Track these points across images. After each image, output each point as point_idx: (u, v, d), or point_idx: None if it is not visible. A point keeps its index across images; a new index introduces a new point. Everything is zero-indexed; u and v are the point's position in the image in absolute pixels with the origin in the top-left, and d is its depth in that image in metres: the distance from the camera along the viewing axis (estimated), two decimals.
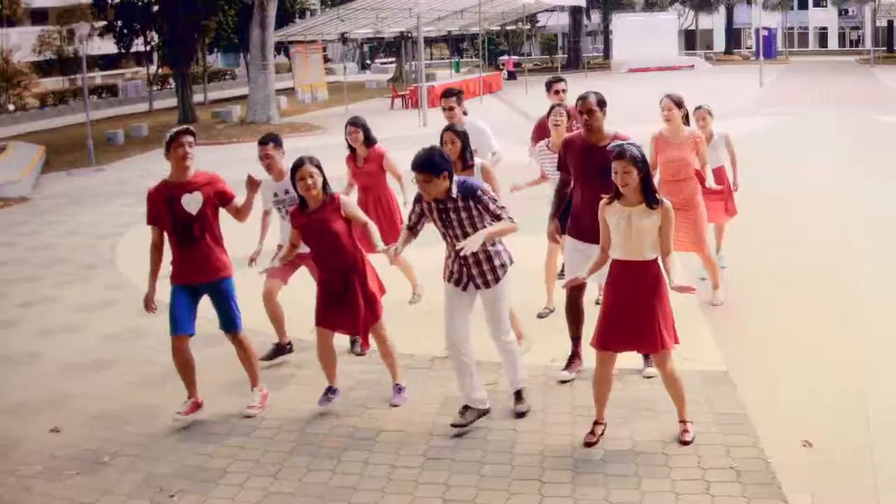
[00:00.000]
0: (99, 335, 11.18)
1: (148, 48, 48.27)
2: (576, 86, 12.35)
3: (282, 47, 45.49)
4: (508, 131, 21.01)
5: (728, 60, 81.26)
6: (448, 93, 11.05)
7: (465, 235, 7.64)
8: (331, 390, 8.47)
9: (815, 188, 18.22)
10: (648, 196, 7.09)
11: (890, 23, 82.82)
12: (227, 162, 22.00)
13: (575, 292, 8.69)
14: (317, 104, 43.61)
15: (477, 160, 9.61)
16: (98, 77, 62.83)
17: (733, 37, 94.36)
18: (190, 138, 8.06)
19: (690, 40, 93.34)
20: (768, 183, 18.19)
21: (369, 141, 10.89)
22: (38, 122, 49.12)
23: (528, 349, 9.41)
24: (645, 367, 8.63)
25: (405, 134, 10.67)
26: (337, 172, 10.50)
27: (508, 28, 75.30)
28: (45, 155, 29.35)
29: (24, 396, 9.27)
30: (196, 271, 8.20)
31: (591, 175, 8.23)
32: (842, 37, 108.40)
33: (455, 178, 7.68)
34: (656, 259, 7.26)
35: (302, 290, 9.38)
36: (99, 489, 7.25)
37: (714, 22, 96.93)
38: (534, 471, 7.31)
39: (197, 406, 8.39)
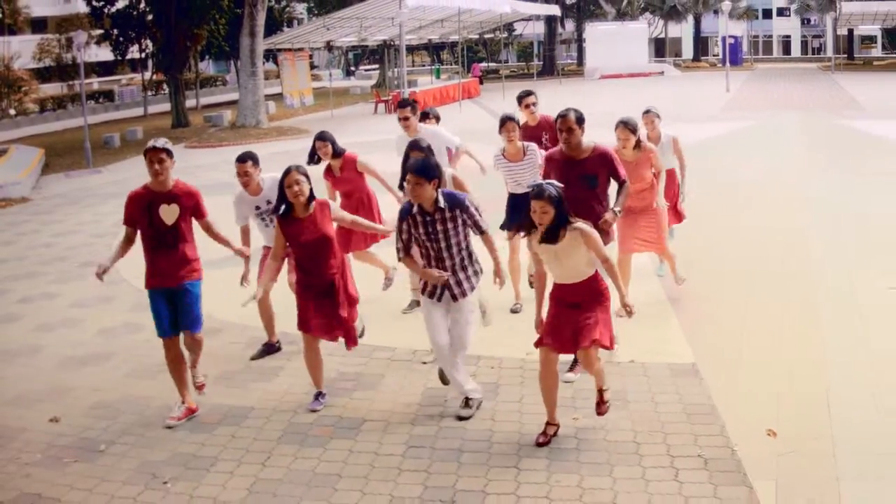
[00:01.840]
0: (96, 330, 11.17)
1: (143, 55, 48.22)
2: (552, 92, 12.52)
3: (270, 55, 45.62)
4: (484, 133, 21.03)
5: (696, 67, 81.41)
6: (402, 103, 11.25)
7: (448, 248, 7.72)
8: (321, 395, 8.47)
9: (779, 188, 18.30)
10: (557, 230, 7.07)
11: (850, 31, 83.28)
12: (217, 164, 22.00)
13: None
14: (304, 109, 43.64)
15: (448, 170, 9.67)
16: (95, 83, 62.95)
17: (701, 45, 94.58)
18: (162, 155, 7.95)
19: (660, 48, 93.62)
20: (734, 184, 18.34)
21: (337, 152, 10.89)
22: (38, 126, 49.07)
23: (490, 323, 9.38)
24: (567, 371, 8.60)
25: (387, 137, 10.71)
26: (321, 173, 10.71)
27: (486, 36, 75.30)
28: (45, 157, 29.25)
29: (24, 388, 9.28)
30: (166, 276, 8.19)
31: (573, 186, 8.25)
32: (804, 45, 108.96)
33: (441, 189, 7.71)
34: (596, 272, 7.31)
35: (286, 286, 9.36)
36: (96, 476, 7.26)
37: (682, 30, 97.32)
38: (511, 458, 7.34)
39: (191, 412, 8.35)
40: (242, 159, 9.38)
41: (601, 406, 7.67)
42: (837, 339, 9.58)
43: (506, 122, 10.69)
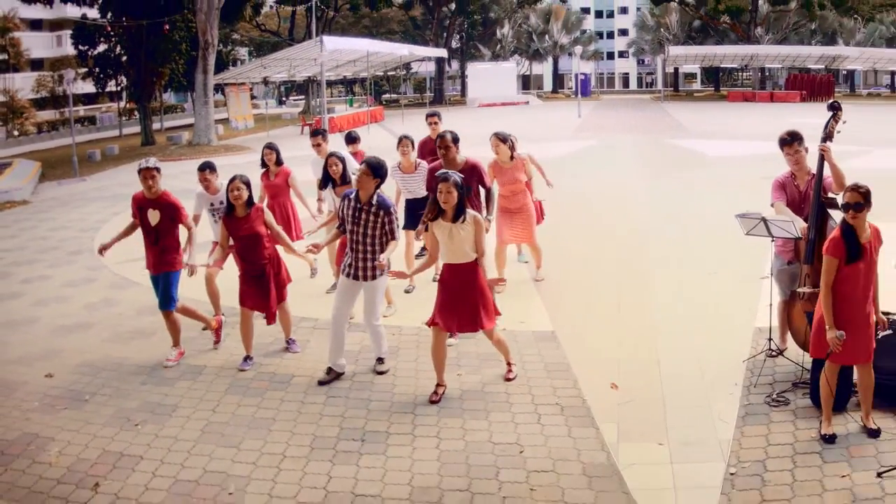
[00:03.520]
0: (81, 304, 11.14)
1: (118, 88, 48.31)
2: (444, 117, 12.61)
3: (219, 87, 45.59)
4: (386, 150, 20.95)
5: (554, 98, 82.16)
6: (314, 132, 11.52)
7: (364, 236, 7.74)
8: (248, 358, 8.50)
9: (620, 194, 18.54)
10: (461, 213, 7.24)
11: (676, 69, 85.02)
12: (178, 174, 21.89)
13: None
14: (246, 130, 43.80)
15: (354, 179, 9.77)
16: (81, 110, 62.68)
17: (558, 80, 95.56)
18: (154, 172, 8.34)
19: (526, 82, 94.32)
20: (583, 190, 18.52)
21: (279, 161, 11.14)
22: (35, 144, 48.83)
23: (395, 312, 9.69)
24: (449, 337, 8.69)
25: (309, 153, 10.81)
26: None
27: (389, 73, 75.35)
28: (42, 169, 29.06)
29: (24, 350, 9.28)
30: (151, 265, 8.59)
31: None
32: (640, 80, 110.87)
33: (379, 192, 7.79)
34: (476, 259, 7.39)
35: (232, 272, 9.27)
36: (81, 420, 7.34)
37: (544, 69, 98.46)
38: (408, 406, 7.44)
39: (181, 355, 8.77)
40: (202, 168, 9.71)
41: (508, 374, 7.86)
42: (663, 310, 9.76)
43: (402, 140, 10.84)
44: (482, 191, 9.76)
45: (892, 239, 6.75)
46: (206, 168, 9.69)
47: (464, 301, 7.38)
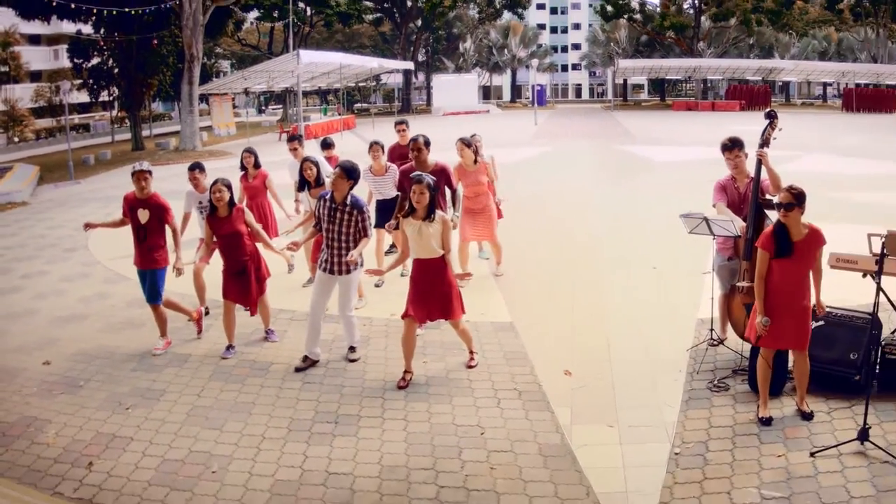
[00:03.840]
0: (77, 297, 11.11)
1: (111, 98, 48.84)
2: (411, 124, 12.65)
3: (203, 97, 45.90)
4: (358, 154, 20.91)
5: (512, 107, 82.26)
6: (291, 138, 11.73)
7: (339, 234, 7.77)
8: (230, 347, 8.51)
9: (572, 195, 18.63)
10: (431, 212, 7.31)
11: (625, 80, 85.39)
12: (166, 177, 21.70)
13: None
14: (228, 137, 44.23)
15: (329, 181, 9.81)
16: (76, 118, 62.88)
17: (516, 90, 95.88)
18: (146, 175, 8.41)
19: (486, 93, 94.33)
20: (540, 192, 18.61)
21: (257, 165, 11.16)
22: (34, 149, 48.68)
23: (366, 304, 9.74)
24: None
25: (286, 158, 10.89)
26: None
27: (361, 84, 75.15)
28: (40, 172, 29.05)
29: (24, 340, 9.29)
30: (138, 261, 8.60)
31: None
32: (591, 90, 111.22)
33: (352, 193, 7.80)
34: (443, 255, 7.44)
35: (215, 268, 9.23)
36: (76, 404, 7.37)
37: (503, 80, 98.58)
38: (378, 391, 7.46)
39: (168, 344, 8.78)
40: (192, 168, 9.85)
41: (471, 362, 7.89)
42: (616, 305, 9.81)
43: (372, 145, 10.95)
44: (448, 191, 9.82)
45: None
46: (196, 168, 9.84)
47: (433, 294, 7.43)
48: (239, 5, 47.50)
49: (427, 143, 9.88)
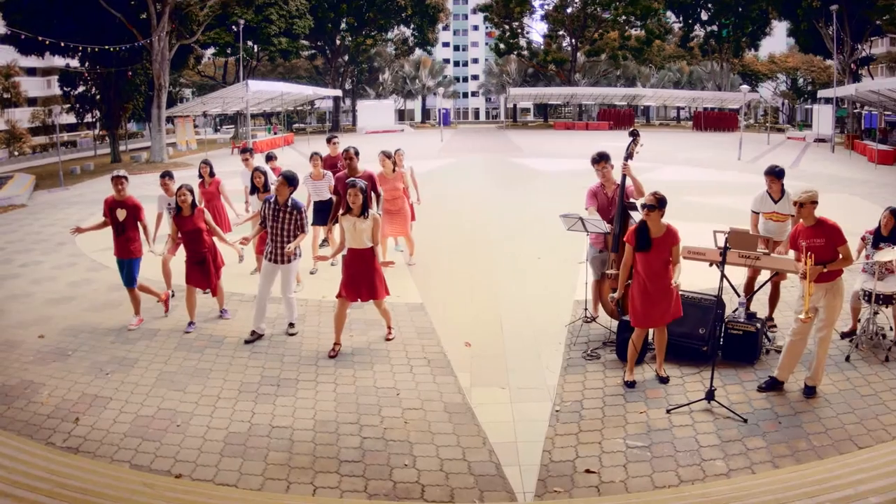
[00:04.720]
0: (66, 283, 10.93)
1: (94, 120, 48.84)
2: (342, 140, 12.61)
3: (169, 119, 46.55)
4: (298, 165, 20.64)
5: (423, 127, 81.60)
6: (244, 150, 11.85)
7: (281, 230, 7.83)
8: (192, 323, 8.52)
9: (472, 199, 18.73)
10: (365, 211, 7.35)
11: (514, 105, 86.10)
12: (139, 185, 21.20)
13: None
14: (189, 151, 44.80)
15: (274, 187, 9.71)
16: (65, 136, 62.12)
17: (426, 113, 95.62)
18: (123, 180, 8.52)
19: (401, 115, 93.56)
20: (445, 196, 18.65)
21: (212, 174, 11.02)
22: (31, 162, 48.43)
23: (302, 288, 9.68)
24: None
25: (237, 169, 10.83)
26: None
27: (298, 108, 74.52)
28: (35, 180, 28.70)
29: (22, 317, 9.25)
30: (117, 251, 8.63)
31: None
32: (488, 113, 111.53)
33: (293, 197, 7.89)
34: (373, 247, 7.45)
35: (180, 258, 9.04)
36: (65, 370, 7.41)
37: (415, 104, 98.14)
38: (312, 359, 7.48)
39: (140, 321, 8.74)
40: (163, 175, 9.91)
41: (389, 336, 7.91)
42: (507, 288, 9.92)
43: (313, 155, 11.10)
44: (373, 194, 9.82)
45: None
46: (166, 175, 9.89)
47: (363, 277, 7.44)
48: (199, 43, 48.41)
49: (357, 153, 10.06)
